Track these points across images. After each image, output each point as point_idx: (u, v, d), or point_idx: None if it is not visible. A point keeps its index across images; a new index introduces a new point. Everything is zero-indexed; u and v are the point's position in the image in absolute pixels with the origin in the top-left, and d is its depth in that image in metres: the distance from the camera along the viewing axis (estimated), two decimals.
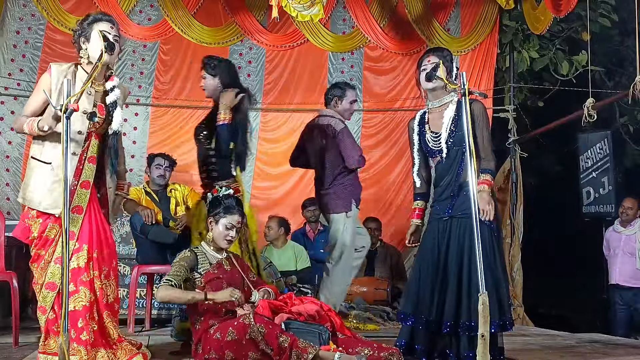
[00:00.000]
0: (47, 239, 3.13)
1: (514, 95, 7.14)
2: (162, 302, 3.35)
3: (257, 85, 6.98)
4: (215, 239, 3.46)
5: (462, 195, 3.43)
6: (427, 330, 3.41)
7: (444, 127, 3.49)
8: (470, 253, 3.27)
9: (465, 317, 3.29)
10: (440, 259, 3.43)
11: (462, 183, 3.45)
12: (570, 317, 8.08)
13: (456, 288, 3.35)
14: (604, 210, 6.84)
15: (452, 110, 3.48)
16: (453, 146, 3.47)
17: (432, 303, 3.40)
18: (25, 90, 6.44)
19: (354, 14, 6.90)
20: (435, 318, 3.38)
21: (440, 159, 3.55)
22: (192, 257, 3.41)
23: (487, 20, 6.92)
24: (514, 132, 7.01)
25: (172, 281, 3.26)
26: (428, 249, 3.52)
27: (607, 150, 6.82)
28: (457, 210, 3.44)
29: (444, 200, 3.52)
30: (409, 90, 7.02)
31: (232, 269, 3.49)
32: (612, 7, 7.24)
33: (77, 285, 3.10)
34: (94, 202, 3.24)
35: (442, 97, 3.56)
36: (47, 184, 3.08)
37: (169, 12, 6.61)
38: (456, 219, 3.44)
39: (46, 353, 3.09)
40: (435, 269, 3.43)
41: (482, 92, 3.34)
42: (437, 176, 3.62)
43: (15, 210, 6.27)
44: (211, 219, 3.49)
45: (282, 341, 2.96)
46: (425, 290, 3.44)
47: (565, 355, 3.90)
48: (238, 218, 3.48)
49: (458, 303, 3.34)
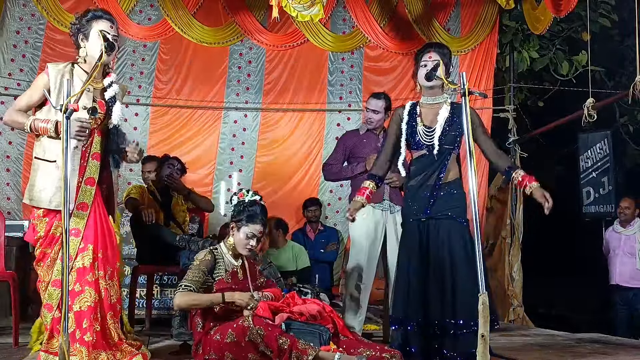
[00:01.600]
0: (54, 237, 3.13)
1: (514, 95, 7.15)
2: (179, 308, 3.29)
3: (257, 85, 6.99)
4: (236, 245, 3.40)
5: (443, 196, 3.41)
6: (419, 332, 3.39)
7: (439, 124, 3.48)
8: (452, 253, 3.30)
9: (450, 315, 3.29)
10: (423, 261, 3.40)
11: (442, 184, 3.43)
12: (570, 317, 8.09)
13: (440, 287, 3.35)
14: (604, 210, 6.84)
15: (447, 111, 3.46)
16: (444, 144, 3.46)
17: (420, 305, 3.38)
18: (25, 90, 6.43)
19: (354, 14, 6.90)
20: (425, 320, 3.37)
21: (426, 153, 3.51)
22: (212, 260, 3.35)
23: (487, 20, 6.92)
24: (514, 132, 7.01)
25: (190, 287, 3.22)
26: (412, 251, 3.46)
27: (607, 150, 6.82)
28: (436, 211, 3.41)
29: (420, 198, 3.46)
30: (409, 90, 7.00)
31: (244, 279, 3.42)
32: (612, 7, 7.25)
33: (82, 285, 3.09)
34: (99, 199, 3.24)
35: (438, 95, 3.55)
36: (55, 182, 3.08)
37: (169, 12, 6.60)
38: (434, 220, 3.41)
39: (48, 352, 3.08)
40: (419, 271, 3.40)
41: (482, 92, 3.33)
42: (415, 169, 3.54)
43: (16, 210, 6.27)
44: (233, 225, 3.42)
45: (281, 343, 2.95)
46: (414, 293, 3.41)
47: (565, 355, 3.89)
48: (260, 228, 3.38)
49: (443, 303, 3.33)
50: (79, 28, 3.22)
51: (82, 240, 3.13)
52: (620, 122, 8.16)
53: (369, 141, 4.54)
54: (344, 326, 3.36)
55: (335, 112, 7.07)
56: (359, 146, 4.56)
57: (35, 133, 3.12)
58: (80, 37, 3.21)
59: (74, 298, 3.05)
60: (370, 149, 4.46)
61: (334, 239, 6.56)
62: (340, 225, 6.82)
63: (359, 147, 4.56)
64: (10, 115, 3.21)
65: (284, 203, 6.82)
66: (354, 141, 4.62)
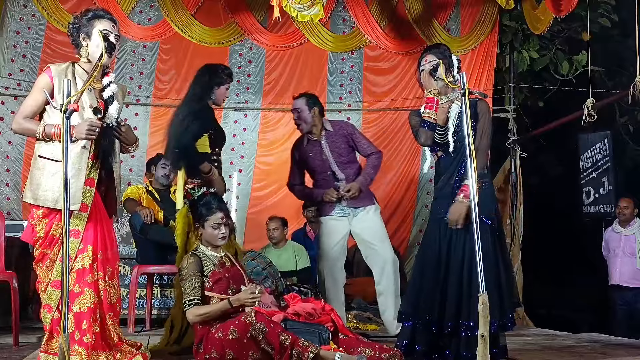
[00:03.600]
0: (53, 237, 3.12)
1: (514, 95, 7.14)
2: (195, 324, 3.33)
3: (257, 85, 6.98)
4: (210, 241, 3.48)
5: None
6: (428, 330, 3.41)
7: (451, 122, 3.48)
8: (471, 253, 3.26)
9: (465, 317, 3.30)
10: (442, 259, 3.43)
11: (464, 181, 3.43)
12: (570, 317, 8.08)
13: (457, 288, 3.35)
14: (604, 210, 6.83)
15: (459, 106, 3.44)
16: (458, 141, 3.46)
17: (433, 303, 3.40)
18: (25, 90, 6.43)
19: (354, 14, 6.90)
20: (437, 318, 3.38)
21: (443, 153, 3.54)
22: (197, 261, 3.39)
23: (487, 20, 6.92)
24: (514, 132, 7.01)
25: (194, 300, 3.27)
26: (429, 249, 3.52)
27: (607, 150, 6.82)
28: None
29: (443, 199, 3.51)
30: (409, 90, 7.02)
31: (232, 266, 3.51)
32: (612, 7, 7.25)
33: (82, 286, 3.09)
34: (98, 200, 3.23)
35: (447, 93, 3.55)
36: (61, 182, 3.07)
37: (169, 12, 6.61)
38: None
39: (48, 353, 3.08)
40: (436, 270, 3.43)
41: (482, 92, 3.35)
42: (438, 172, 3.60)
43: (16, 210, 6.27)
44: (198, 225, 3.52)
45: (283, 340, 2.96)
46: (427, 291, 3.44)
47: (565, 356, 3.89)
48: (221, 214, 3.48)
49: (459, 303, 3.34)
50: (79, 26, 3.20)
51: (81, 241, 3.13)
52: (620, 122, 8.16)
53: (315, 154, 4.57)
54: (344, 325, 3.36)
55: (335, 112, 7.06)
56: (307, 159, 4.62)
57: (46, 139, 3.09)
58: (82, 35, 3.20)
59: (74, 299, 3.05)
60: (319, 162, 4.53)
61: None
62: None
63: (306, 160, 4.62)
64: (20, 124, 3.15)
65: (284, 203, 6.81)
66: (300, 153, 4.67)
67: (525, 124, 7.27)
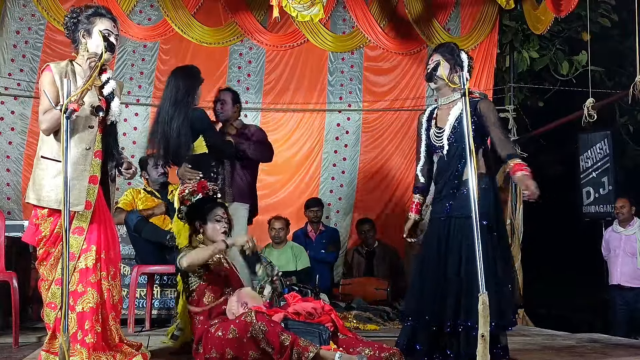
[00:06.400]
0: (58, 235, 3.09)
1: (514, 95, 7.14)
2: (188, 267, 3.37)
3: (257, 85, 6.98)
4: (213, 237, 3.51)
5: (460, 195, 3.42)
6: (428, 330, 3.41)
7: (448, 124, 3.48)
8: (469, 253, 3.25)
9: (463, 316, 3.29)
10: (441, 259, 3.43)
11: (460, 182, 3.44)
12: (570, 317, 8.08)
13: (456, 288, 3.35)
14: (604, 210, 6.83)
15: (459, 108, 3.43)
16: (454, 142, 3.46)
17: (433, 303, 3.40)
18: (25, 90, 6.45)
19: (354, 14, 6.90)
20: (437, 318, 3.38)
21: (442, 155, 3.55)
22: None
23: (487, 20, 6.92)
24: (514, 132, 7.01)
25: (188, 249, 3.39)
26: (429, 249, 3.52)
27: (607, 150, 6.82)
28: (455, 211, 3.43)
29: (442, 199, 3.51)
30: (409, 90, 7.02)
31: (229, 265, 3.56)
32: (612, 7, 7.25)
33: (85, 286, 3.08)
34: (101, 199, 3.22)
35: (450, 94, 3.55)
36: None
37: (169, 12, 6.61)
38: (454, 219, 3.43)
39: (49, 352, 3.06)
40: (436, 269, 3.43)
41: (482, 92, 3.35)
42: (437, 173, 3.62)
43: (15, 210, 6.27)
44: (198, 224, 3.55)
45: (283, 339, 2.96)
46: (427, 290, 3.44)
47: (565, 356, 3.89)
48: (221, 208, 3.55)
49: (458, 303, 3.34)
50: (77, 23, 3.18)
51: (85, 240, 3.11)
52: (620, 122, 8.16)
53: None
54: (344, 325, 3.36)
55: (335, 112, 7.07)
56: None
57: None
58: (82, 32, 3.18)
59: (77, 299, 3.04)
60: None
61: (335, 239, 6.57)
62: (340, 225, 6.84)
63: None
64: (45, 119, 3.01)
65: (284, 203, 6.82)
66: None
67: (525, 124, 7.27)
